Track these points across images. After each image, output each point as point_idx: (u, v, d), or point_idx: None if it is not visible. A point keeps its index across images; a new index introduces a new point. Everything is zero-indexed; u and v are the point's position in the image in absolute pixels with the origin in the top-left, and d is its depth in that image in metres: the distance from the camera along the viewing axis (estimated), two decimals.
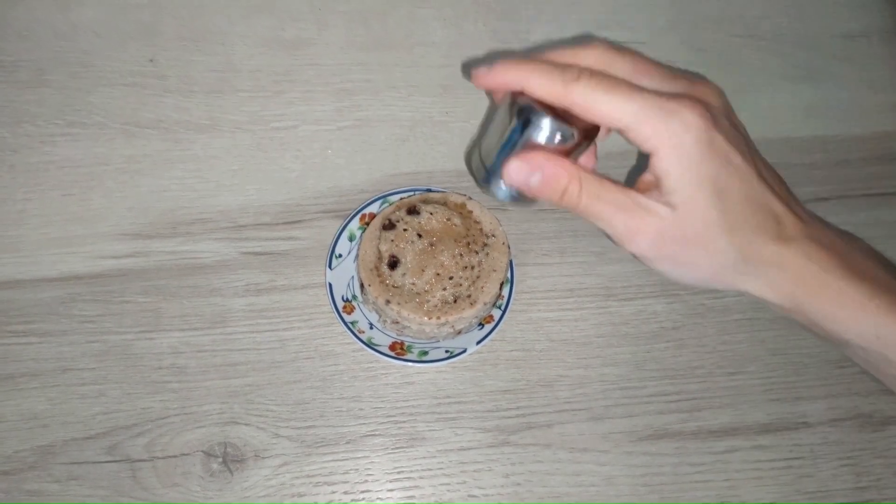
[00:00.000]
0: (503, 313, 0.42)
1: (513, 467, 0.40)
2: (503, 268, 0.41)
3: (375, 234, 0.41)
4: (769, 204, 0.26)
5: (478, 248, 0.41)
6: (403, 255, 0.40)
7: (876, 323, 0.26)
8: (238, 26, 0.51)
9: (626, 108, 0.24)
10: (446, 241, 0.41)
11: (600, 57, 0.26)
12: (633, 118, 0.24)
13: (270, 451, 0.40)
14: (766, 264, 0.26)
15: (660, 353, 0.43)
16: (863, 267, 0.27)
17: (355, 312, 0.42)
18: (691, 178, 0.24)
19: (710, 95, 0.26)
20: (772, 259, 0.26)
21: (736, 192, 0.25)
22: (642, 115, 0.24)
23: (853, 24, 0.55)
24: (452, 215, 0.42)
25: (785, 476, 0.41)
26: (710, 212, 0.25)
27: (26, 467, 0.38)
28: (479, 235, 0.42)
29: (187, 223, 0.45)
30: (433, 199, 0.43)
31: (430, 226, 0.41)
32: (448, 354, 0.40)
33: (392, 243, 0.40)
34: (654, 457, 0.41)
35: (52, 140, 0.47)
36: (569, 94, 0.24)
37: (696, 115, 0.24)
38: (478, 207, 0.43)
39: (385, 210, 0.43)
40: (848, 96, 0.53)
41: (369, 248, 0.41)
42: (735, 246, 0.25)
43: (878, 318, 0.26)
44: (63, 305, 0.42)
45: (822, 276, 0.26)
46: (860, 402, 0.43)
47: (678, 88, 0.26)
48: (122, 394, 0.40)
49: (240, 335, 0.42)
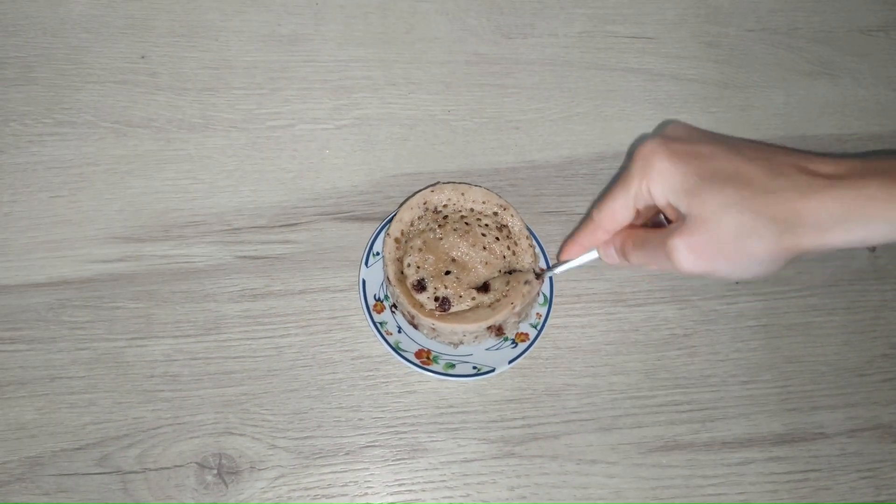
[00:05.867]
0: (538, 333, 0.40)
1: (518, 479, 0.39)
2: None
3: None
4: (781, 163, 0.28)
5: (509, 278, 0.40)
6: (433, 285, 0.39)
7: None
8: (232, 21, 0.50)
9: (619, 201, 0.32)
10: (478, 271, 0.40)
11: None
12: (626, 195, 0.32)
13: (267, 462, 0.38)
14: (820, 209, 0.26)
15: (671, 361, 0.42)
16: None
17: (385, 313, 0.41)
18: (683, 195, 0.29)
19: (647, 144, 0.31)
20: (819, 203, 0.26)
21: (744, 193, 0.28)
22: (629, 192, 0.31)
23: (870, 18, 0.54)
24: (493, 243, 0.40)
25: (802, 489, 0.39)
26: (727, 218, 0.27)
27: (13, 479, 0.37)
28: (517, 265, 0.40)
29: (180, 226, 0.44)
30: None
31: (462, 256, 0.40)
32: (475, 371, 0.39)
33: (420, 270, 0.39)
34: (664, 469, 0.39)
35: (40, 140, 0.45)
36: (597, 229, 0.34)
37: (651, 144, 0.31)
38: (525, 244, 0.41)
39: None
40: (865, 93, 0.51)
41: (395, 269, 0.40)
42: (773, 222, 0.27)
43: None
44: (51, 311, 0.41)
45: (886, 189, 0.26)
46: (880, 412, 0.41)
47: (631, 165, 0.32)
48: (113, 403, 0.39)
49: (235, 342, 0.41)
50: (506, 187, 0.46)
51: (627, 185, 0.31)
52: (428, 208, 0.41)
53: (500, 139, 0.48)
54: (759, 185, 0.27)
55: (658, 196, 0.30)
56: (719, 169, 0.28)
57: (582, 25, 0.52)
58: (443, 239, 0.40)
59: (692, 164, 0.29)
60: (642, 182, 0.30)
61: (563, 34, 0.51)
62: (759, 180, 0.27)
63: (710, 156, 0.29)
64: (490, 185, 0.46)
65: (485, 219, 0.41)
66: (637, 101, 0.50)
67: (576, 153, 0.48)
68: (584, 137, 0.48)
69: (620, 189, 0.31)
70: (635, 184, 0.30)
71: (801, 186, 0.27)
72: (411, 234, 0.40)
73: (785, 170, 0.27)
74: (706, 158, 0.29)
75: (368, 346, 0.41)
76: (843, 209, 0.26)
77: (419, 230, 0.40)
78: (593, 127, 0.49)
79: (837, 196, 0.26)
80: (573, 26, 0.52)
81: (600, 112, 0.49)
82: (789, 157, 0.28)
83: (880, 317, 0.45)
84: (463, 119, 0.48)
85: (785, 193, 0.27)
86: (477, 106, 0.49)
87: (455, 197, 0.41)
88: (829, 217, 0.26)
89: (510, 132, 0.48)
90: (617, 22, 0.52)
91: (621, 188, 0.31)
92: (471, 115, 0.48)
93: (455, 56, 0.50)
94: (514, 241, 0.40)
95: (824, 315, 0.44)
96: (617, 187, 0.31)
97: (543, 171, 0.47)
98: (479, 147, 0.48)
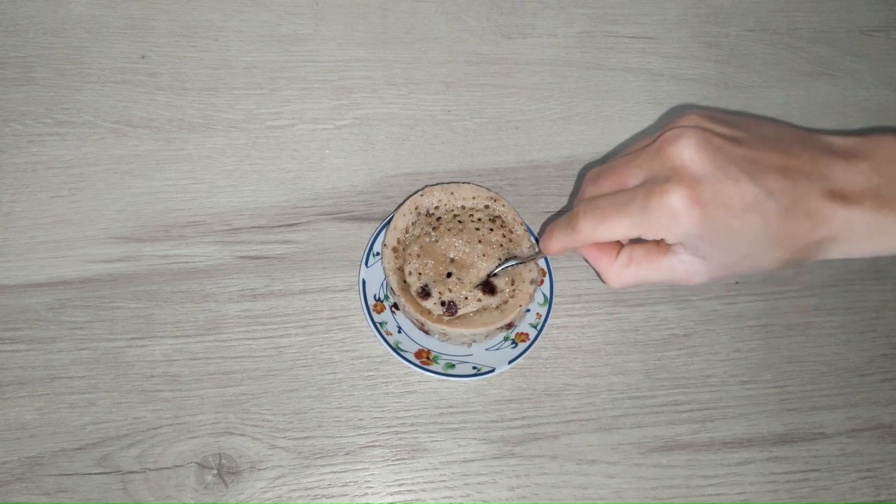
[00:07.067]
0: (538, 334, 0.40)
1: (518, 479, 0.39)
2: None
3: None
4: (805, 193, 0.26)
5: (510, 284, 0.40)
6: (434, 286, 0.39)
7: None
8: (232, 21, 0.50)
9: (622, 228, 0.28)
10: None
11: (592, 178, 0.30)
12: (632, 231, 0.27)
13: (267, 462, 0.38)
14: (843, 212, 0.26)
15: (670, 361, 0.42)
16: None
17: (385, 313, 0.41)
18: (702, 244, 0.27)
19: (680, 146, 0.26)
20: (845, 207, 0.26)
21: (758, 218, 0.26)
22: (637, 225, 0.27)
23: (871, 18, 0.53)
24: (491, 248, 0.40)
25: (801, 489, 0.39)
26: (737, 250, 0.27)
27: (13, 479, 0.37)
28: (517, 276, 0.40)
29: (180, 226, 0.43)
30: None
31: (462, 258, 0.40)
32: (475, 371, 0.39)
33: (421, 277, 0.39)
34: (664, 469, 0.39)
35: (41, 139, 0.45)
36: (580, 239, 0.29)
37: (677, 199, 0.26)
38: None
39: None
40: (865, 93, 0.51)
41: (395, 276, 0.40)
42: (791, 248, 0.27)
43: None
44: (52, 311, 0.41)
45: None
46: (880, 412, 0.41)
47: (654, 163, 0.27)
48: (113, 403, 0.39)
49: (235, 342, 0.41)
50: (506, 187, 0.46)
51: (638, 225, 0.27)
52: (420, 213, 0.41)
53: (500, 139, 0.48)
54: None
55: (669, 240, 0.27)
56: (768, 218, 0.26)
57: (582, 25, 0.52)
58: (438, 241, 0.39)
59: (719, 219, 0.26)
60: (658, 233, 0.27)
61: (563, 34, 0.51)
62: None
63: (739, 198, 0.26)
64: (490, 185, 0.46)
65: (477, 213, 0.41)
66: (637, 101, 0.50)
67: (576, 153, 0.48)
68: (584, 137, 0.48)
69: (625, 221, 0.27)
70: (650, 231, 0.27)
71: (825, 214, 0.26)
72: (408, 241, 0.40)
73: (812, 200, 0.26)
74: (734, 206, 0.26)
75: (368, 346, 0.41)
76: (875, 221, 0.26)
77: (414, 236, 0.40)
78: (593, 127, 0.49)
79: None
80: (573, 26, 0.52)
81: (600, 112, 0.49)
82: (813, 184, 0.26)
83: (880, 317, 0.45)
84: (463, 119, 0.48)
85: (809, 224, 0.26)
86: (477, 106, 0.48)
87: (445, 197, 0.41)
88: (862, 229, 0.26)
89: (510, 132, 0.48)
90: (617, 22, 0.52)
91: (627, 222, 0.27)
92: (471, 115, 0.48)
93: (455, 56, 0.50)
94: (508, 228, 0.40)
95: (824, 315, 0.44)
96: (621, 217, 0.27)
97: (543, 171, 0.47)
98: (479, 147, 0.48)
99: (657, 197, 0.26)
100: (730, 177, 0.26)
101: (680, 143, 0.26)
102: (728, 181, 0.25)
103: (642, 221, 0.27)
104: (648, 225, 0.27)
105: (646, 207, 0.26)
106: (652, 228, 0.27)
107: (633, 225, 0.27)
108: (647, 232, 0.27)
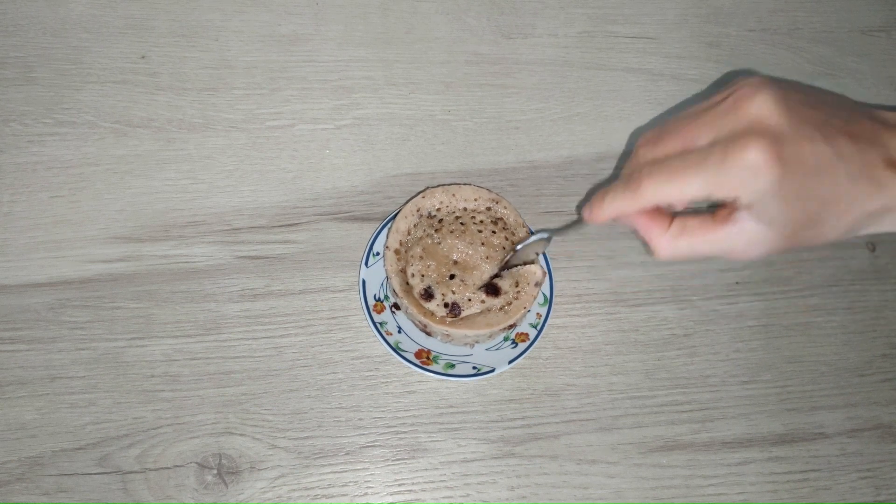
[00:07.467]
0: (538, 334, 0.40)
1: (518, 479, 0.39)
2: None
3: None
4: (871, 160, 0.25)
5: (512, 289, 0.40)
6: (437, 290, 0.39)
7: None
8: (232, 21, 0.50)
9: (693, 186, 0.26)
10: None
11: (650, 140, 0.28)
12: (704, 191, 0.26)
13: (267, 462, 0.38)
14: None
15: (671, 361, 0.42)
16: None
17: (385, 313, 0.41)
18: (774, 204, 0.25)
19: (757, 102, 0.25)
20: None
21: (829, 180, 0.25)
22: (710, 184, 0.25)
23: (871, 18, 0.53)
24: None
25: (801, 489, 0.39)
26: (806, 214, 0.26)
27: (13, 479, 0.37)
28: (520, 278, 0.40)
29: (180, 226, 0.43)
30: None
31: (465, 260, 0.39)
32: (475, 371, 0.39)
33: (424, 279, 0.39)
34: (664, 469, 0.39)
35: (41, 139, 0.45)
36: (642, 201, 0.27)
37: (757, 154, 0.24)
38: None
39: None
40: (866, 93, 0.51)
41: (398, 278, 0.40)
42: (854, 214, 0.26)
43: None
44: (52, 311, 0.41)
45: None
46: (880, 412, 0.41)
47: (726, 120, 0.26)
48: (113, 403, 0.39)
49: (235, 342, 0.41)
50: (506, 187, 0.46)
51: (711, 182, 0.25)
52: (422, 214, 0.41)
53: (500, 139, 0.48)
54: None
55: (744, 198, 0.26)
56: (838, 179, 0.25)
57: (582, 25, 0.52)
58: (441, 243, 0.39)
59: (797, 178, 0.25)
60: (733, 190, 0.25)
61: (563, 34, 0.51)
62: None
63: (814, 158, 0.25)
64: (490, 185, 0.46)
65: (479, 215, 0.41)
66: (637, 101, 0.50)
67: (576, 153, 0.48)
68: (584, 137, 0.48)
69: (697, 179, 0.26)
70: (723, 189, 0.25)
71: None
72: (410, 243, 0.40)
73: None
74: (809, 165, 0.25)
75: (368, 346, 0.41)
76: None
77: (416, 238, 0.40)
78: (593, 127, 0.49)
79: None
80: (573, 26, 0.52)
81: (600, 112, 0.49)
82: (877, 151, 0.26)
83: (880, 317, 0.45)
84: (463, 119, 0.48)
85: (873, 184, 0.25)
86: (477, 106, 0.48)
87: (446, 199, 0.41)
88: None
89: (510, 132, 0.48)
90: (617, 22, 0.52)
91: (700, 180, 0.26)
92: (471, 115, 0.48)
93: (455, 56, 0.50)
94: (510, 231, 0.40)
95: (824, 315, 0.44)
96: (694, 174, 0.26)
97: (543, 171, 0.47)
98: (479, 147, 0.47)
99: (738, 151, 0.25)
100: (805, 136, 0.25)
101: (757, 99, 0.25)
102: (804, 140, 0.25)
103: (717, 178, 0.25)
104: (723, 181, 0.25)
105: (722, 162, 0.25)
106: (726, 186, 0.25)
107: (705, 183, 0.25)
108: (720, 189, 0.25)
